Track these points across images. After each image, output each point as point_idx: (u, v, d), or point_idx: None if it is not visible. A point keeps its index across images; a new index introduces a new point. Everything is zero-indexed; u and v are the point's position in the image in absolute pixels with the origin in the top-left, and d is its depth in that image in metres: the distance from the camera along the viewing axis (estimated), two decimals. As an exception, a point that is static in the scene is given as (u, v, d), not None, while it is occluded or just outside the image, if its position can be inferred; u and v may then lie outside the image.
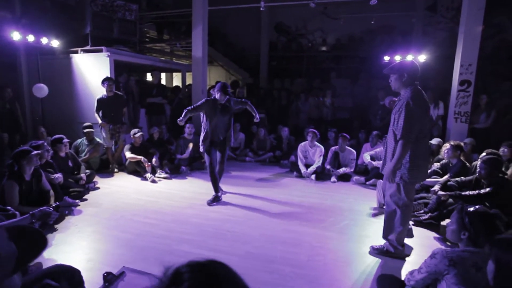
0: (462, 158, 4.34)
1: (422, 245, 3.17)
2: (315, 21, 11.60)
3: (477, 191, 3.50)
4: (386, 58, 7.03)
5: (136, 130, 5.61)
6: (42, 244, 1.20)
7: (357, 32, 11.25)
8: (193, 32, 7.12)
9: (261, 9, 6.67)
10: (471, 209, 1.83)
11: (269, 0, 8.19)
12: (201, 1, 6.95)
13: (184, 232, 3.38)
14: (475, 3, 5.57)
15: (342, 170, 5.52)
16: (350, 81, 9.88)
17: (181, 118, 4.13)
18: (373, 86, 8.46)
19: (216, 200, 4.28)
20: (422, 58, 6.81)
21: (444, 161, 4.48)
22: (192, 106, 4.24)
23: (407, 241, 3.07)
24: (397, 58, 6.69)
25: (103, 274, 2.20)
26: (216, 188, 4.33)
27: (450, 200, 3.69)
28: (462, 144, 4.29)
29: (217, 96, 4.18)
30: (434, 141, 5.38)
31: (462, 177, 3.93)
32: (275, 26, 12.14)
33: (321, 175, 5.61)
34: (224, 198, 4.46)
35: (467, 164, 4.28)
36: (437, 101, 6.40)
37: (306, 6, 6.78)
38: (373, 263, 2.81)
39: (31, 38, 5.56)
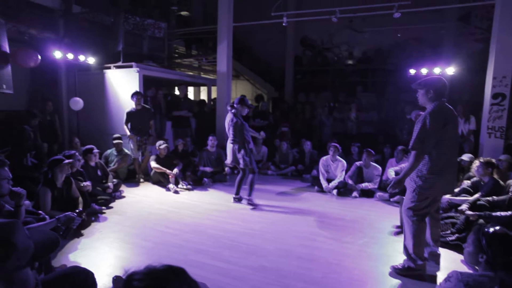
0: (495, 176, 4.08)
1: (447, 268, 2.98)
2: (341, 34, 11.58)
3: (510, 212, 3.28)
4: (412, 72, 6.85)
5: (161, 142, 5.84)
6: (55, 246, 1.32)
7: (384, 45, 11.08)
8: (218, 47, 7.38)
9: (284, 24, 6.80)
10: (490, 229, 1.73)
11: (293, 15, 8.35)
12: (226, 18, 7.22)
13: (201, 242, 3.44)
14: (509, 11, 5.33)
15: (364, 185, 5.37)
16: (376, 95, 9.69)
17: (231, 160, 4.62)
18: (400, 100, 8.23)
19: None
20: (450, 71, 6.56)
21: (475, 178, 4.23)
22: (235, 139, 4.44)
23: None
24: (424, 71, 6.49)
25: (113, 278, 2.30)
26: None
27: (481, 221, 3.47)
28: (494, 160, 4.03)
29: (239, 109, 4.35)
30: (466, 157, 5.10)
31: (494, 197, 3.69)
32: (300, 40, 12.24)
33: (343, 190, 5.49)
34: (243, 210, 4.50)
35: (501, 182, 4.00)
36: (468, 115, 6.10)
37: (331, 20, 6.82)
38: (389, 283, 2.70)
39: (70, 56, 6.05)
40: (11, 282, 1.10)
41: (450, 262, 3.10)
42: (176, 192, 5.35)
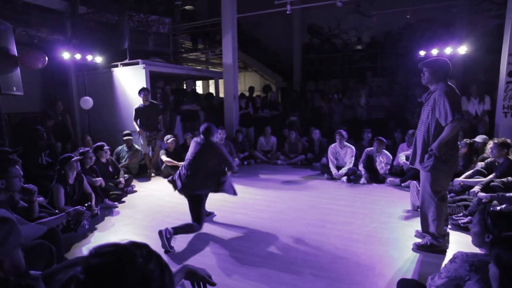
0: (511, 156, 3.93)
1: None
2: (349, 20, 11.32)
3: (525, 192, 3.17)
4: (422, 53, 6.63)
5: (168, 136, 5.92)
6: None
7: (394, 28, 10.76)
8: (223, 39, 7.35)
9: (288, 12, 6.70)
10: (496, 208, 1.68)
11: (298, 2, 8.20)
12: (230, 10, 7.17)
13: (209, 232, 3.48)
14: (525, -16, 5.06)
15: (380, 166, 5.28)
16: (387, 80, 9.46)
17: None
18: (412, 83, 8.00)
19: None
20: (462, 50, 6.31)
21: (489, 160, 4.10)
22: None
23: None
24: (434, 52, 6.28)
25: None
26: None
27: (495, 202, 3.37)
28: (509, 141, 3.88)
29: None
30: (479, 138, 4.95)
31: (509, 177, 3.57)
32: (307, 28, 12.04)
33: (353, 177, 5.43)
34: (252, 200, 4.52)
35: (517, 162, 3.86)
36: (482, 95, 5.88)
37: (337, 5, 6.66)
38: (397, 267, 2.67)
39: (78, 56, 6.16)
40: (12, 259, 1.19)
41: (462, 245, 3.03)
42: (186, 185, 5.42)
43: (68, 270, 1.69)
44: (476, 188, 3.51)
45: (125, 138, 5.85)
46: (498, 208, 1.69)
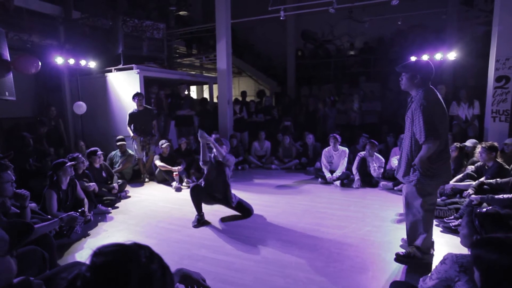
0: (500, 159, 4.02)
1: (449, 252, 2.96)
2: (342, 26, 11.49)
3: (513, 195, 3.23)
4: (413, 58, 6.75)
5: (163, 141, 5.91)
6: (28, 233, 1.40)
7: (386, 33, 10.95)
8: (217, 45, 7.40)
9: (281, 18, 6.77)
10: (482, 210, 1.72)
11: (291, 8, 8.31)
12: (224, 15, 7.23)
13: (203, 237, 3.48)
14: (511, -10, 5.20)
15: (375, 174, 5.30)
16: (379, 85, 9.59)
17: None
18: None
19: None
20: (452, 56, 6.44)
21: (479, 163, 4.19)
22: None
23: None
24: (425, 57, 6.40)
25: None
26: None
27: (485, 204, 3.43)
28: (496, 144, 3.97)
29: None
30: (469, 142, 5.06)
31: (498, 179, 3.65)
32: (301, 33, 12.18)
33: (347, 181, 5.47)
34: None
35: (505, 165, 3.95)
36: (471, 100, 6.00)
37: (330, 11, 6.76)
38: (390, 270, 2.70)
39: (71, 61, 6.15)
40: None
41: (452, 246, 3.07)
42: (179, 189, 5.41)
43: (72, 269, 1.69)
44: (470, 191, 3.58)
45: (118, 143, 5.82)
46: (484, 210, 1.74)
